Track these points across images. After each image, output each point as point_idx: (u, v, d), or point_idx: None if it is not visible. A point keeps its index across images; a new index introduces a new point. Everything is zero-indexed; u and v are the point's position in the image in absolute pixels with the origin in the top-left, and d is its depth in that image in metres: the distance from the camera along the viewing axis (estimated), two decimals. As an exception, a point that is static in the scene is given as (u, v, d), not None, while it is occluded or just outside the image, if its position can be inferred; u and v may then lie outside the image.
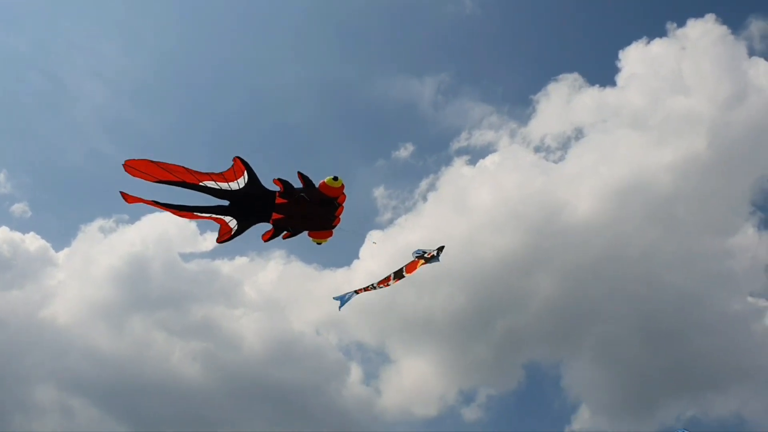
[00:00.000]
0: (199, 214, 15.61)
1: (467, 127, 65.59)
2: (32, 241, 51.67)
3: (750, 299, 49.27)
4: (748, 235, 51.44)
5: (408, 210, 59.95)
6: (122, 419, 41.58)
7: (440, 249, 18.52)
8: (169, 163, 14.37)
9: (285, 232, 16.34)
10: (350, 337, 50.95)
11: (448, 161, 63.47)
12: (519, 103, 69.66)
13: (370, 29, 66.45)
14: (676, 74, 55.11)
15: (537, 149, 57.87)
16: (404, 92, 65.49)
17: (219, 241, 16.15)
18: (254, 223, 16.14)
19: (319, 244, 16.78)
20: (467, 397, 47.70)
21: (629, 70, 56.61)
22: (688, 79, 54.36)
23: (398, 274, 18.83)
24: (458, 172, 58.69)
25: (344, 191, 15.61)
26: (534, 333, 49.19)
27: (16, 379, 40.41)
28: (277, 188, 15.50)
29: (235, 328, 47.14)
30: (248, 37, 65.58)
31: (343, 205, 15.97)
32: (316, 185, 15.42)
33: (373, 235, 56.18)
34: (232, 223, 15.86)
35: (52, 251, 51.96)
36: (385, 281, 18.95)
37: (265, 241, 16.38)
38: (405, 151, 61.96)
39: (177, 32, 62.86)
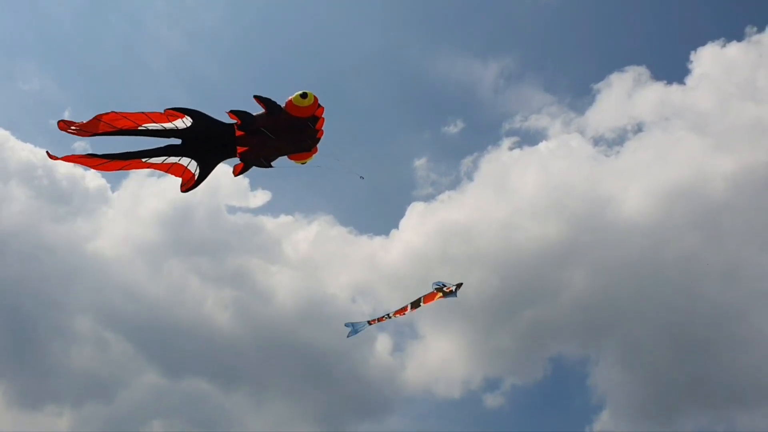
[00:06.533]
0: (148, 161, 13.36)
1: (522, 111, 64.39)
2: (92, 180, 53.56)
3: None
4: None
5: (449, 187, 59.54)
6: (153, 358, 43.29)
7: (458, 285, 19.50)
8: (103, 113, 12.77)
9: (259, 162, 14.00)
10: (382, 307, 51.38)
11: (495, 141, 62.64)
12: (580, 94, 68.17)
13: (443, 7, 65.53)
14: (749, 80, 53.04)
15: (591, 140, 56.55)
16: (466, 72, 64.60)
17: (183, 189, 13.86)
18: (218, 162, 13.94)
19: (303, 164, 14.55)
20: (491, 384, 47.59)
21: (701, 71, 54.87)
22: (761, 86, 52.31)
23: (415, 304, 19.62)
24: (505, 154, 57.96)
25: (319, 105, 13.30)
26: (563, 326, 48.65)
27: (58, 306, 42.39)
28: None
29: (269, 283, 48.09)
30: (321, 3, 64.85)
31: (323, 117, 13.66)
32: (283, 106, 13.31)
33: (415, 207, 55.86)
34: (192, 166, 13.59)
35: (109, 192, 53.85)
36: (401, 311, 19.74)
37: (236, 175, 14.09)
38: (454, 128, 61.20)
39: None
